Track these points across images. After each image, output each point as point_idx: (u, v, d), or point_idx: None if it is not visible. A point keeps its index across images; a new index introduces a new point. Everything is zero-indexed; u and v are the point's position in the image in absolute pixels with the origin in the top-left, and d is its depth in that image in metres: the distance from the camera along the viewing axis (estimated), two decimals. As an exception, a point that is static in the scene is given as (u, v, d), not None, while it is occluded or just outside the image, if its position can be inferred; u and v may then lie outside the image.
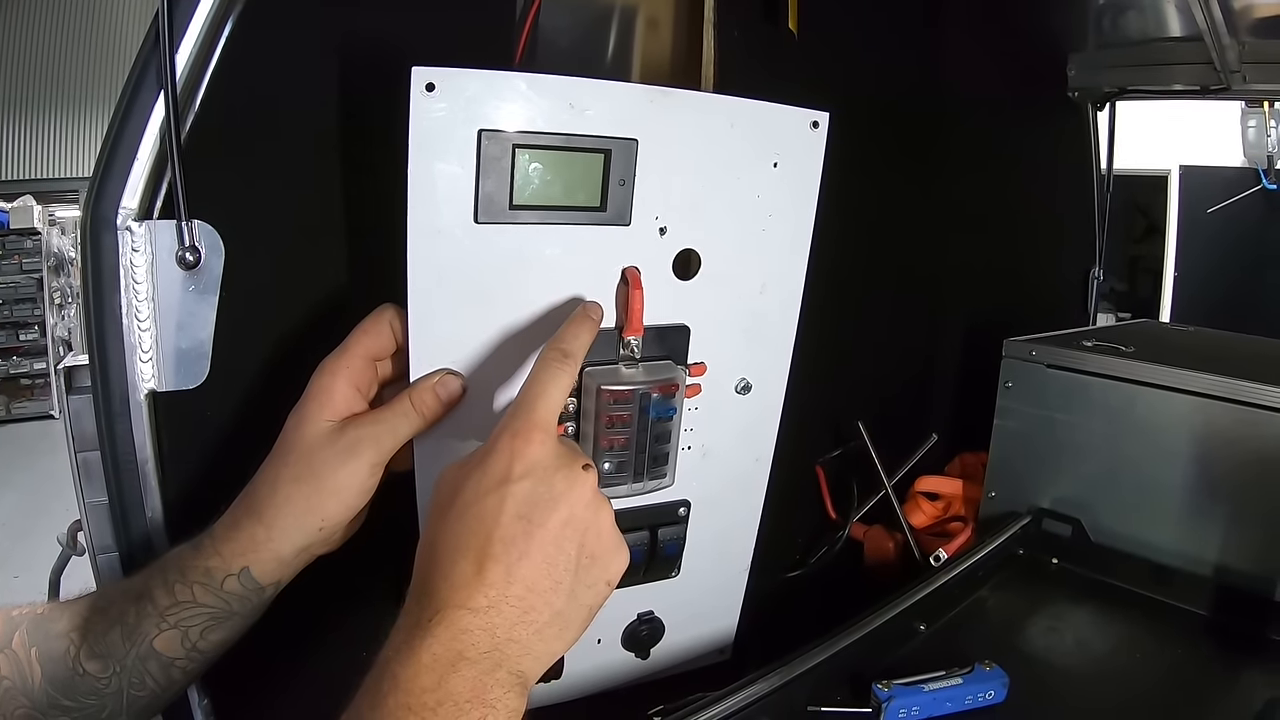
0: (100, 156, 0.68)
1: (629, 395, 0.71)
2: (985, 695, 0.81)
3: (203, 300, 0.71)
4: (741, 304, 0.79)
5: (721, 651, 0.93)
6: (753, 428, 0.84)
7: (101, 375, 0.69)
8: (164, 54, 0.65)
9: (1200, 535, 1.02)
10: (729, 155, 0.73)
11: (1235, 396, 0.98)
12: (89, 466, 0.72)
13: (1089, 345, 1.14)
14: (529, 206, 0.67)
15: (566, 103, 0.66)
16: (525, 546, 0.54)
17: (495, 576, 0.53)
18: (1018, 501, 1.18)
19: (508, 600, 0.53)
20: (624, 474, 0.74)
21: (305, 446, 0.65)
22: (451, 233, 0.65)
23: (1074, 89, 1.66)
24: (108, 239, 0.67)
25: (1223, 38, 1.33)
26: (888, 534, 1.24)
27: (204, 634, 0.63)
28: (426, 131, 0.62)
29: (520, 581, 0.53)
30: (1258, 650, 0.94)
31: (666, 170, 0.71)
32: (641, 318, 0.71)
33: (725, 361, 0.80)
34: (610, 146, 0.68)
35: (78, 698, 0.60)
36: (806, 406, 1.22)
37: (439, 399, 0.67)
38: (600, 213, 0.70)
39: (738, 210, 0.75)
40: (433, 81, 0.61)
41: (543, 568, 0.54)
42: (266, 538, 0.64)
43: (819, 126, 0.77)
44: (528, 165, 0.65)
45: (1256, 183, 3.38)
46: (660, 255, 0.73)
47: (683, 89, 0.71)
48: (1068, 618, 1.01)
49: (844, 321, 1.25)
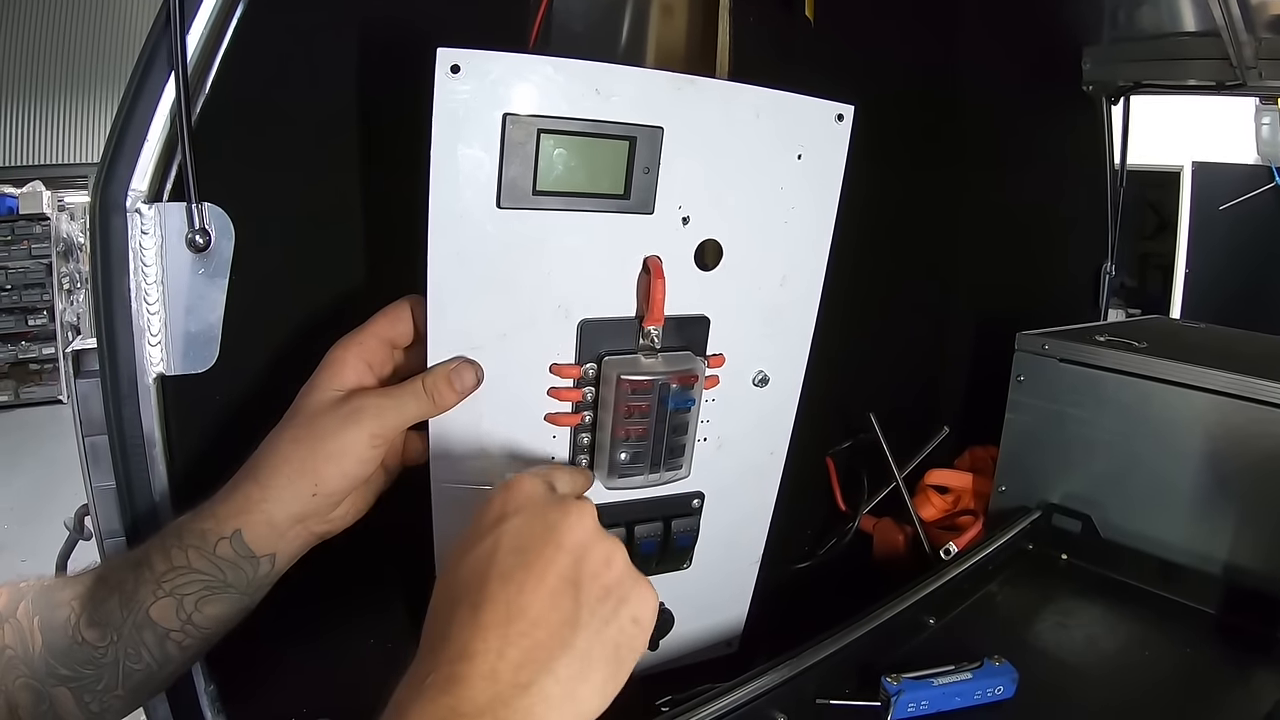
0: (109, 138, 0.67)
1: (649, 385, 0.70)
2: (994, 690, 0.81)
3: (212, 283, 0.71)
4: (761, 296, 0.78)
5: (729, 644, 0.93)
6: (768, 420, 0.84)
7: (110, 359, 0.69)
8: (175, 35, 0.65)
9: (1211, 533, 1.01)
10: (754, 146, 0.72)
11: (1249, 394, 0.98)
12: (96, 450, 0.72)
13: (1101, 340, 1.13)
14: (552, 193, 0.66)
15: (592, 88, 0.65)
16: (523, 578, 0.50)
17: (494, 617, 0.48)
18: (1028, 496, 1.18)
19: (509, 639, 0.48)
20: (640, 464, 0.73)
21: (309, 411, 0.66)
22: (473, 217, 0.64)
23: (1088, 83, 1.64)
24: (117, 221, 0.67)
25: (1240, 33, 1.31)
26: (897, 526, 1.24)
27: (199, 604, 0.63)
28: (450, 114, 0.61)
29: (522, 616, 0.49)
30: (1267, 650, 0.94)
31: (691, 159, 0.70)
32: (663, 308, 0.70)
33: (744, 354, 0.79)
34: (635, 134, 0.67)
35: (75, 667, 0.60)
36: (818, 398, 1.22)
37: (452, 386, 0.66)
38: (624, 200, 0.68)
39: (761, 202, 0.74)
40: (458, 63, 0.60)
41: (546, 599, 0.50)
42: (261, 497, 0.63)
43: (844, 120, 0.76)
44: (552, 150, 0.64)
45: (1269, 180, 3.35)
46: (683, 245, 0.72)
47: (706, 77, 0.70)
48: (1077, 614, 1.00)
49: (856, 313, 1.25)
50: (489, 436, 0.72)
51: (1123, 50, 1.58)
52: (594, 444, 0.74)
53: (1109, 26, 1.56)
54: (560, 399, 0.72)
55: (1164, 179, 3.55)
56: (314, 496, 0.64)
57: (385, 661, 0.90)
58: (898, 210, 1.29)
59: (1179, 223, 3.59)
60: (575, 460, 0.75)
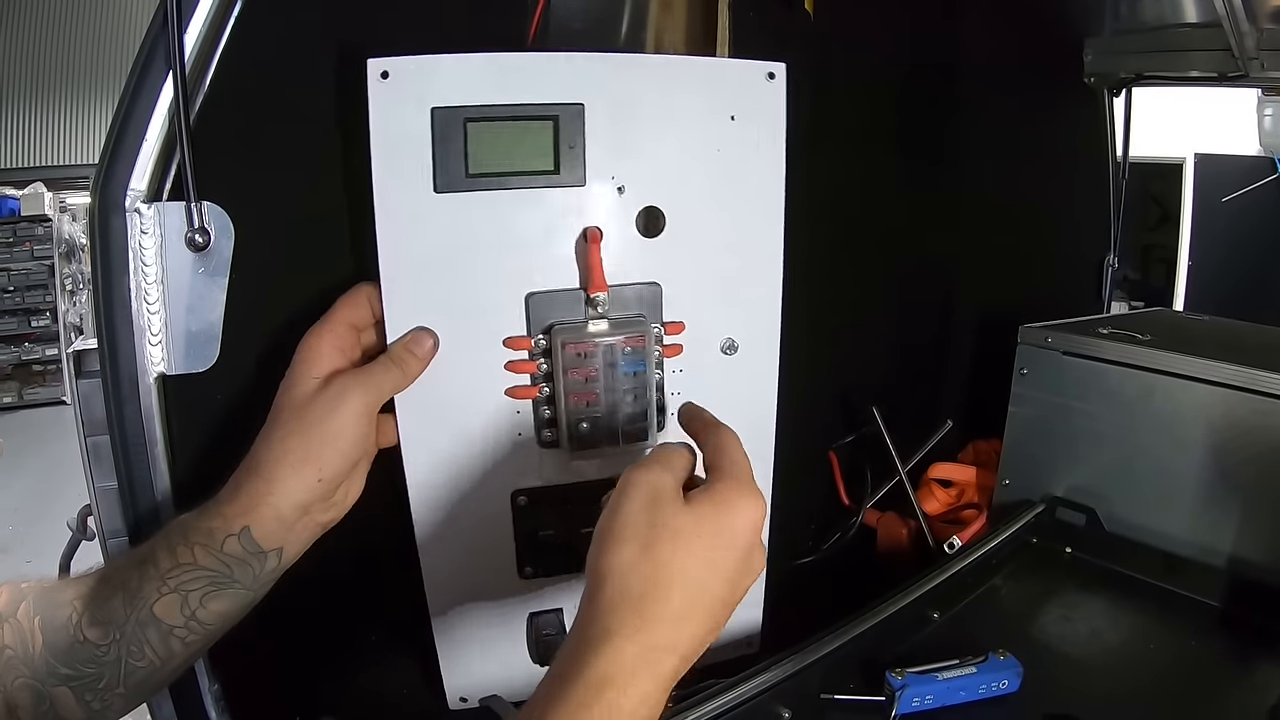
0: (108, 138, 0.67)
1: (593, 348, 0.74)
2: (999, 684, 0.81)
3: (212, 282, 0.71)
4: (716, 260, 0.80)
5: (749, 643, 0.92)
6: (747, 391, 0.84)
7: (111, 359, 0.69)
8: (173, 34, 0.65)
9: (1216, 527, 1.00)
10: (681, 112, 0.76)
11: (1254, 386, 0.97)
12: (98, 450, 0.72)
13: (1105, 333, 1.13)
14: (485, 174, 0.71)
15: (511, 75, 0.71)
16: (726, 600, 0.58)
17: (700, 626, 0.56)
18: (1032, 490, 1.17)
19: (700, 638, 0.56)
20: (600, 434, 0.76)
21: (296, 404, 0.68)
22: (414, 204, 0.70)
23: (1090, 74, 1.63)
24: (116, 221, 0.67)
25: (1241, 24, 1.30)
26: (901, 521, 1.23)
27: (203, 600, 0.63)
28: (385, 114, 0.68)
29: (711, 619, 0.57)
30: (1273, 643, 0.93)
31: (617, 131, 0.74)
32: (602, 274, 0.73)
33: (706, 320, 0.81)
34: (558, 113, 0.72)
35: (77, 666, 0.60)
36: (820, 392, 1.22)
37: (414, 353, 0.71)
38: (555, 175, 0.73)
39: (699, 166, 0.77)
40: (387, 70, 0.68)
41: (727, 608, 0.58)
42: (267, 491, 0.65)
43: (775, 78, 0.78)
44: (480, 136, 0.71)
45: (1272, 172, 3.33)
46: (621, 214, 0.76)
47: (632, 53, 0.75)
48: (1081, 607, 1.00)
49: (859, 306, 1.25)
50: (453, 413, 0.76)
51: (1124, 42, 1.57)
52: (556, 418, 0.77)
53: (1111, 18, 1.55)
54: (517, 372, 0.75)
55: (1166, 171, 3.53)
56: (319, 482, 0.66)
57: (387, 661, 0.90)
58: (899, 203, 1.29)
59: (1181, 215, 3.57)
60: (539, 434, 0.78)
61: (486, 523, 0.80)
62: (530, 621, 0.81)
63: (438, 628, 0.83)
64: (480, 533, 0.80)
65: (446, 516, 0.79)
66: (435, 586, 0.81)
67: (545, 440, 0.78)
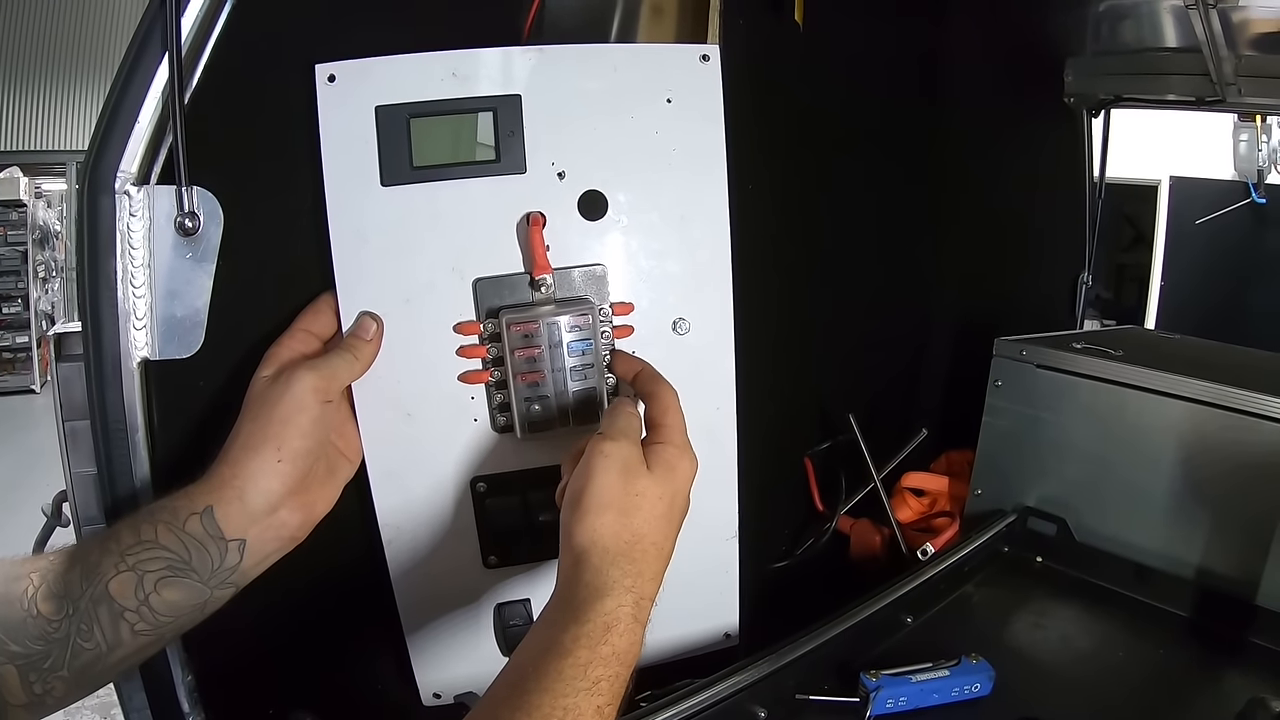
0: (100, 119, 0.67)
1: (536, 328, 0.75)
2: (971, 688, 0.82)
3: (199, 268, 0.71)
4: (661, 240, 0.81)
5: (728, 635, 0.92)
6: (705, 373, 0.84)
7: (94, 342, 0.69)
8: (169, 16, 0.65)
9: (1184, 538, 1.02)
10: (616, 98, 0.78)
11: (1222, 402, 0.99)
12: (77, 435, 0.71)
13: (1078, 347, 1.14)
14: (429, 166, 0.75)
15: (450, 72, 0.75)
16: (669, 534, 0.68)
17: (657, 565, 0.66)
18: (1004, 499, 1.19)
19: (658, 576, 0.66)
20: (548, 414, 0.77)
21: (254, 394, 0.70)
22: (363, 198, 0.74)
23: (1070, 95, 1.66)
24: (104, 203, 0.66)
25: (1220, 50, 1.33)
26: (874, 527, 1.24)
27: (158, 586, 0.63)
28: (333, 115, 0.72)
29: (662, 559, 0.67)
30: (1238, 652, 0.95)
31: (555, 119, 0.77)
32: (545, 257, 0.76)
33: (656, 301, 0.82)
34: (496, 105, 0.76)
35: (25, 642, 0.60)
36: (797, 398, 1.23)
37: (360, 336, 0.74)
38: (496, 164, 0.76)
39: (637, 149, 0.79)
40: (333, 74, 0.72)
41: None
42: (232, 475, 0.66)
43: (709, 59, 0.81)
44: (423, 130, 0.74)
45: (1246, 196, 3.39)
46: (563, 199, 0.78)
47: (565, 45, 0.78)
48: (1052, 615, 1.02)
49: (837, 314, 1.26)
50: (410, 402, 0.78)
51: (1105, 63, 1.60)
52: (508, 401, 0.78)
53: (1092, 39, 1.57)
54: (469, 357, 0.77)
55: (1142, 192, 3.59)
56: (279, 463, 0.67)
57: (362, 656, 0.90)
58: (880, 214, 1.30)
59: (1155, 236, 3.63)
60: (494, 419, 0.79)
61: (449, 512, 0.81)
62: (497, 612, 0.81)
63: (407, 623, 0.83)
64: (443, 524, 0.81)
65: (410, 507, 0.80)
66: (402, 581, 0.82)
67: (500, 425, 0.80)
